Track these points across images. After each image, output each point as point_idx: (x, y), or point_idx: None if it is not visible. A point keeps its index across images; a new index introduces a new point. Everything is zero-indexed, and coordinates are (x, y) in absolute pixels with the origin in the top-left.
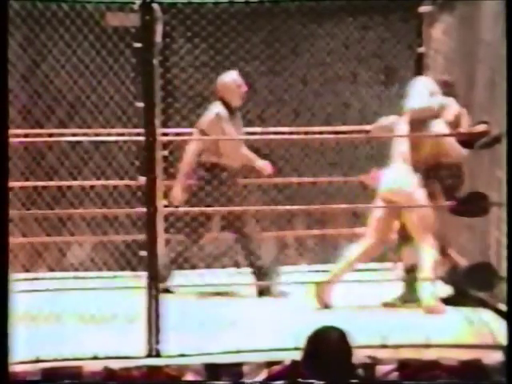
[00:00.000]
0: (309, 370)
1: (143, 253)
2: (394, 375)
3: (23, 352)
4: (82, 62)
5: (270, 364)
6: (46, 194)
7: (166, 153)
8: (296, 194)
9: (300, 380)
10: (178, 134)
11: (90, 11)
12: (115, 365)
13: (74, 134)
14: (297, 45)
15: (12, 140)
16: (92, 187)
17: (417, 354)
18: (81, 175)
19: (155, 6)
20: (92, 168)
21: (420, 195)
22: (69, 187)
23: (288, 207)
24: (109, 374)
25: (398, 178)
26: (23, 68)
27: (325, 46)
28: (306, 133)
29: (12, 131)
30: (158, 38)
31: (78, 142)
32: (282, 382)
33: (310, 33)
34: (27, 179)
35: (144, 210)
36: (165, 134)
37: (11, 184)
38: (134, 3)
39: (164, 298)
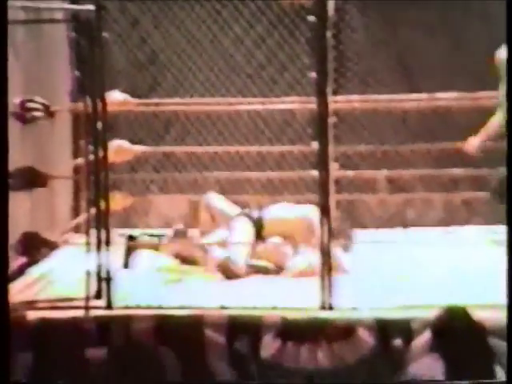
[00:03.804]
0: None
1: None
2: None
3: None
4: (260, 38)
5: None
6: (226, 159)
7: (335, 119)
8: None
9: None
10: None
11: None
12: (290, 315)
13: (250, 103)
14: None
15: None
16: (270, 153)
17: None
18: (258, 142)
19: None
20: (268, 135)
21: None
22: (247, 152)
23: None
24: (284, 324)
25: None
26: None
27: None
28: None
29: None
30: (331, 11)
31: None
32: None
33: None
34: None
35: (316, 173)
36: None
37: None
38: None
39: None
